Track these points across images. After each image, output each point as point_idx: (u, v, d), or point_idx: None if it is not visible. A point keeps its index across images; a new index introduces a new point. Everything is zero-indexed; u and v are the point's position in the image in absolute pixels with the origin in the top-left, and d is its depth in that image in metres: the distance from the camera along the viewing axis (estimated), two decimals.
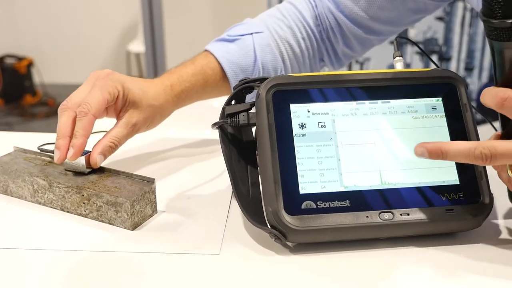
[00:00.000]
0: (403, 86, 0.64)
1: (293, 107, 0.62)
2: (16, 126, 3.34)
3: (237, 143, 0.66)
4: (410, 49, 2.01)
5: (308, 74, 0.64)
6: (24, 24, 3.73)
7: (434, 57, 2.00)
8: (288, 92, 0.62)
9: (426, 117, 0.63)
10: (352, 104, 0.63)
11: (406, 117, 0.63)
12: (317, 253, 0.58)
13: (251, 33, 0.83)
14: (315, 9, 0.86)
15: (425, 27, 1.95)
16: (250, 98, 0.67)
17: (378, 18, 0.83)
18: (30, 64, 3.61)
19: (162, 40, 2.31)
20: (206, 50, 0.83)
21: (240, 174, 0.64)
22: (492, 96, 0.55)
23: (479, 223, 0.60)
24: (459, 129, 0.62)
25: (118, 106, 0.72)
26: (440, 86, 0.64)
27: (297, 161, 0.60)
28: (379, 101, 0.63)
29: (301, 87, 0.63)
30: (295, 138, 0.61)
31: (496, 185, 0.62)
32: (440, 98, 0.64)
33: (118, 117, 0.72)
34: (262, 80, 0.64)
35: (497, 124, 0.75)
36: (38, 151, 0.73)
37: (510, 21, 0.54)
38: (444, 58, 1.97)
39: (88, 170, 0.67)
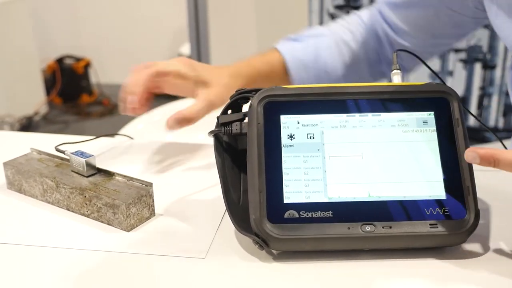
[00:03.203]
0: (395, 100, 0.64)
1: (283, 118, 0.63)
2: (72, 124, 3.48)
3: (232, 151, 0.68)
4: (452, 57, 1.97)
5: (300, 86, 0.65)
6: (83, 26, 3.88)
7: (478, 65, 1.95)
8: (280, 103, 0.64)
9: (416, 131, 0.63)
10: (342, 117, 0.64)
11: (396, 130, 0.63)
12: (299, 261, 0.60)
13: (316, 35, 0.92)
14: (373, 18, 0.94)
15: None
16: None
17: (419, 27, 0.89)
18: (87, 65, 3.75)
19: (207, 44, 2.36)
20: (274, 48, 0.92)
21: (232, 182, 0.66)
22: None
23: (463, 239, 0.60)
24: (449, 143, 0.62)
25: (193, 86, 0.80)
26: (433, 100, 0.64)
27: (284, 171, 0.61)
28: (370, 114, 0.64)
29: (293, 99, 0.64)
30: (283, 149, 0.62)
31: (484, 201, 0.62)
32: (432, 112, 0.64)
33: (195, 96, 0.81)
34: (257, 91, 0.66)
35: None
36: (52, 152, 0.77)
37: None
38: (488, 66, 1.92)
39: (89, 173, 0.71)
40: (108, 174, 0.71)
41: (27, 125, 3.33)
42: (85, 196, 0.68)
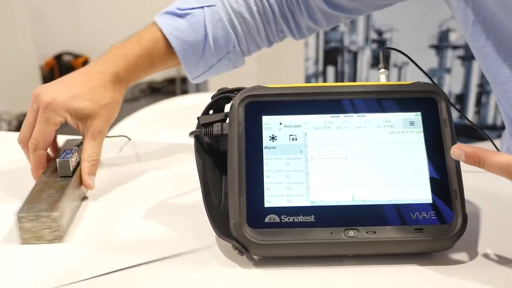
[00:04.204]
0: (381, 100, 0.62)
1: (265, 119, 0.61)
2: None
3: (214, 153, 0.66)
4: (450, 54, 1.95)
5: (284, 86, 0.63)
6: (82, 23, 3.86)
7: (476, 62, 1.93)
8: (262, 104, 0.62)
9: (402, 132, 0.61)
10: (326, 117, 0.62)
11: (381, 131, 0.61)
12: (281, 267, 0.58)
13: (202, 7, 0.80)
14: None
15: None
16: None
17: None
18: (85, 62, 3.73)
19: None
20: (154, 24, 0.80)
21: (213, 184, 0.64)
22: None
23: (450, 244, 0.57)
24: (436, 145, 0.60)
25: (74, 125, 0.73)
26: (420, 100, 0.62)
27: (265, 173, 0.59)
28: (355, 115, 0.62)
29: (275, 99, 0.62)
30: (264, 150, 0.60)
31: (473, 204, 0.60)
32: (419, 112, 0.62)
33: (82, 133, 0.74)
34: (239, 90, 0.64)
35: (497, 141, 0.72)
36: None
37: None
38: None
39: (62, 175, 0.69)
40: (69, 179, 0.69)
41: None
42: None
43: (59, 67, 3.66)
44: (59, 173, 0.69)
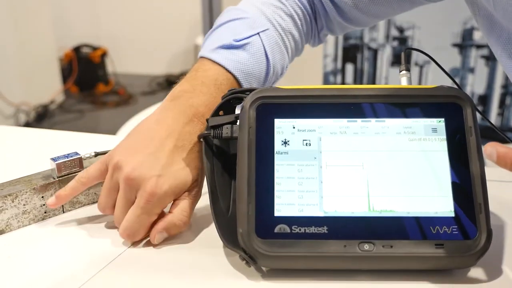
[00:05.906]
0: (401, 104, 0.58)
1: (278, 122, 0.58)
2: (88, 113, 3.46)
3: (223, 156, 0.63)
4: (474, 53, 1.89)
5: (297, 87, 0.59)
6: (100, 16, 3.86)
7: None
8: (274, 106, 0.58)
9: (424, 139, 0.57)
10: (342, 122, 0.58)
11: (401, 138, 0.57)
12: (290, 280, 0.54)
13: (258, 33, 0.76)
14: None
15: None
16: None
17: (367, 11, 0.77)
18: (104, 54, 3.72)
19: None
20: (208, 62, 0.72)
21: (221, 189, 0.61)
22: None
23: (472, 262, 0.54)
24: (460, 154, 0.56)
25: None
26: (443, 105, 0.58)
27: (276, 180, 0.56)
28: (373, 120, 0.58)
29: (289, 101, 0.58)
30: (276, 156, 0.57)
31: (498, 217, 0.56)
32: (443, 119, 0.58)
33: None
34: (251, 91, 0.60)
35: None
36: None
37: None
38: None
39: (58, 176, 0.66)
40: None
41: (43, 113, 3.32)
42: None
43: (77, 59, 3.66)
44: (56, 175, 0.66)
